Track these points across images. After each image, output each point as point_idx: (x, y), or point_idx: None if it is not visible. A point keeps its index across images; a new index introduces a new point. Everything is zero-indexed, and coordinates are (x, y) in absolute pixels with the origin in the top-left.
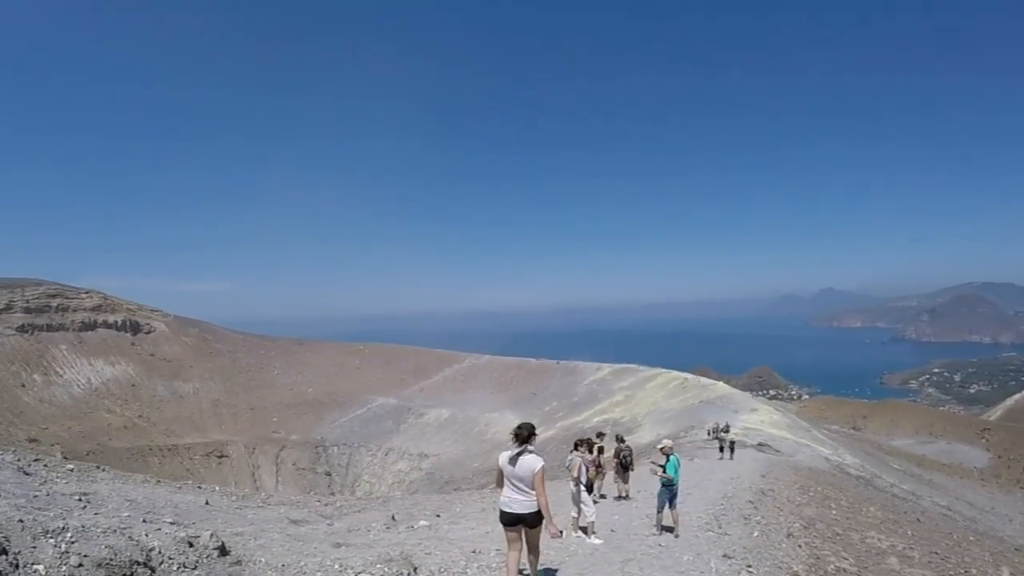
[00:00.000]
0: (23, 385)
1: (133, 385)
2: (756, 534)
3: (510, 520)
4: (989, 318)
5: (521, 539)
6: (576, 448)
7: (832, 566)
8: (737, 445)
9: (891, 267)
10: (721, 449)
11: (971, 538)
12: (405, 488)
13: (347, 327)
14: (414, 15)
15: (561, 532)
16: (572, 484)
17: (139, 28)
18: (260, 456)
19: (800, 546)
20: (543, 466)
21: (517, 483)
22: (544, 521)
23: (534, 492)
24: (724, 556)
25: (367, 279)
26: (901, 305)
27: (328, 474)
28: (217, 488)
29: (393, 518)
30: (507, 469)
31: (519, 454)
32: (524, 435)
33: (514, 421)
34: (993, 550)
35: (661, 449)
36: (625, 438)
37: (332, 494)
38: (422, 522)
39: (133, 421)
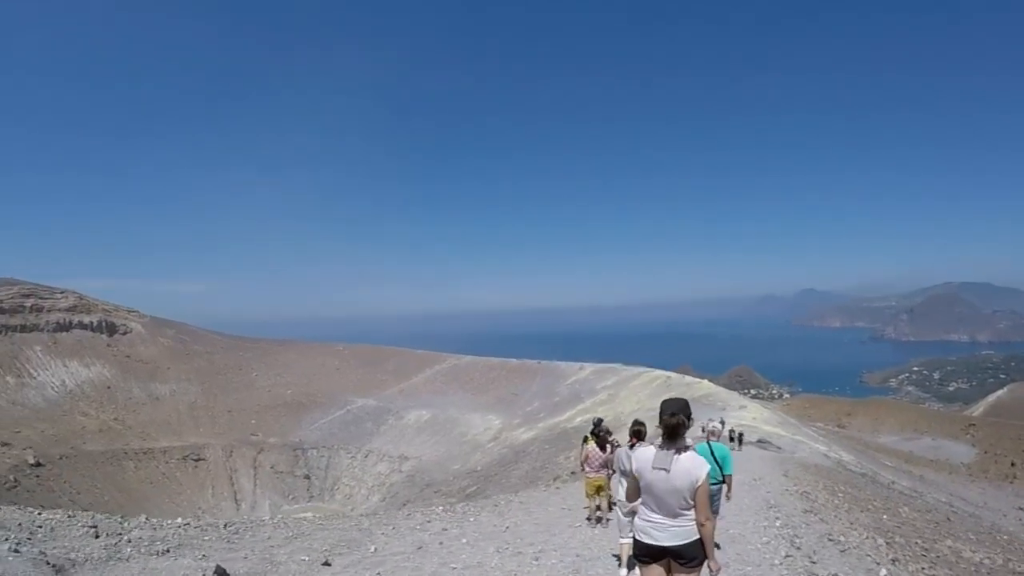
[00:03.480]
0: None
1: (108, 387)
2: (884, 573)
3: (654, 554)
4: (966, 317)
5: None
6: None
7: None
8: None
9: (870, 268)
10: (732, 440)
11: (1005, 538)
12: (386, 491)
13: (325, 328)
14: (386, 11)
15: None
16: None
17: (109, 27)
18: (238, 459)
19: None
20: (709, 472)
21: (668, 498)
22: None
23: (692, 512)
24: None
25: (345, 280)
26: (880, 305)
27: (307, 477)
28: None
29: None
30: (652, 477)
31: (674, 452)
32: (678, 423)
33: (495, 422)
34: None
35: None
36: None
37: (311, 498)
38: None
39: (108, 424)
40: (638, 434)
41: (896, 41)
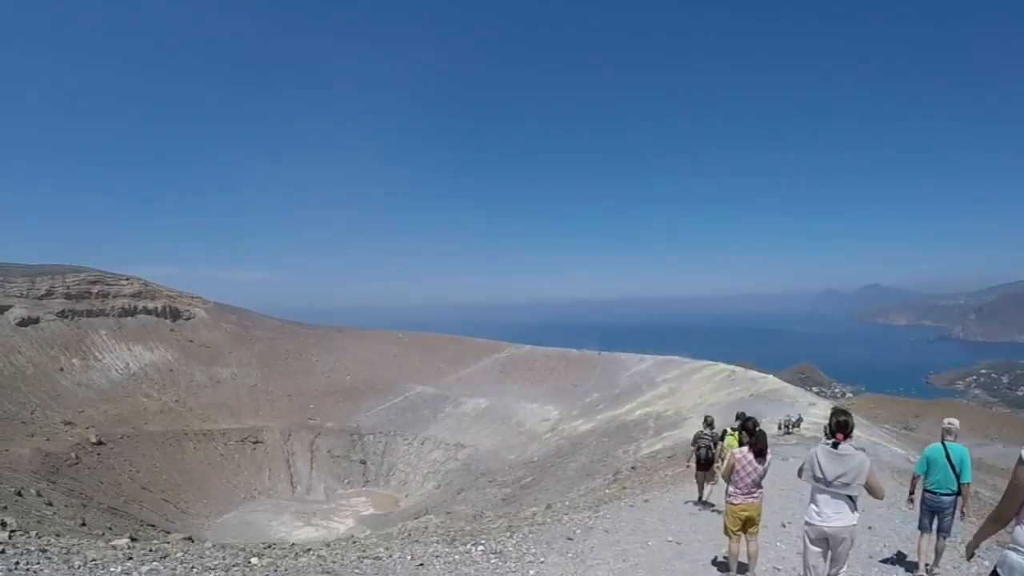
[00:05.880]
0: (61, 369)
1: (171, 370)
2: None
3: None
4: None
5: None
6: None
7: None
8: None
9: (938, 263)
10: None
11: None
12: (440, 479)
13: (383, 316)
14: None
15: None
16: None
17: (167, 19)
18: (295, 443)
19: None
20: None
21: None
22: None
23: None
24: None
25: (405, 268)
26: (948, 303)
27: (363, 462)
28: None
29: None
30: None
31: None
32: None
33: (553, 412)
34: None
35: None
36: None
37: (366, 483)
38: None
39: (169, 406)
40: (843, 427)
41: (964, 41)
